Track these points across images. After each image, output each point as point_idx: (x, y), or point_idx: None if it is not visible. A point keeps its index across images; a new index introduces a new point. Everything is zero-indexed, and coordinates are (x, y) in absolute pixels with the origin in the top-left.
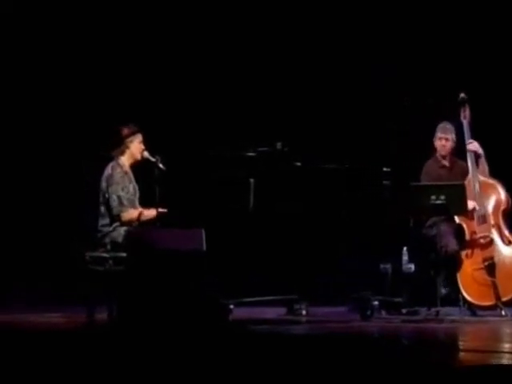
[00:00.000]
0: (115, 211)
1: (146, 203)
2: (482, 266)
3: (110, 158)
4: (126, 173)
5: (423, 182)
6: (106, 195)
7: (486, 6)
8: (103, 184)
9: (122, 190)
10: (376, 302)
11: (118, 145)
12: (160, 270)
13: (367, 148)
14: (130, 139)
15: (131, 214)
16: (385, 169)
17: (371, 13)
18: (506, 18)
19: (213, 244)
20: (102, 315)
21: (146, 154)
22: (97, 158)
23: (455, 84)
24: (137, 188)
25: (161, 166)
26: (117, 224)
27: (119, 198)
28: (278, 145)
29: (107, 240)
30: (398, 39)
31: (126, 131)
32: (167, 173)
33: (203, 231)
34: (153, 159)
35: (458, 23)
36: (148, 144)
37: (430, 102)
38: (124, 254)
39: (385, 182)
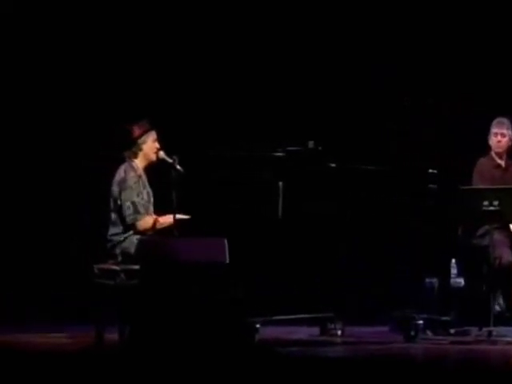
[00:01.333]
0: (130, 219)
1: (161, 210)
2: None
3: (122, 160)
4: (139, 176)
5: (475, 185)
6: (118, 201)
7: (487, 6)
8: (115, 189)
9: (137, 195)
10: (421, 321)
11: (130, 146)
12: (177, 285)
13: (409, 148)
14: (142, 139)
15: (147, 221)
16: (431, 170)
17: (371, 13)
18: (507, 18)
19: (237, 255)
20: (112, 335)
21: (161, 154)
22: (106, 160)
23: (455, 84)
24: (151, 193)
25: (178, 167)
26: (129, 233)
27: (134, 204)
28: (310, 144)
29: (118, 251)
30: (397, 39)
31: (137, 131)
32: (185, 175)
33: (226, 241)
34: (169, 160)
35: (458, 23)
36: (163, 142)
37: (430, 101)
38: (137, 267)
39: (431, 186)
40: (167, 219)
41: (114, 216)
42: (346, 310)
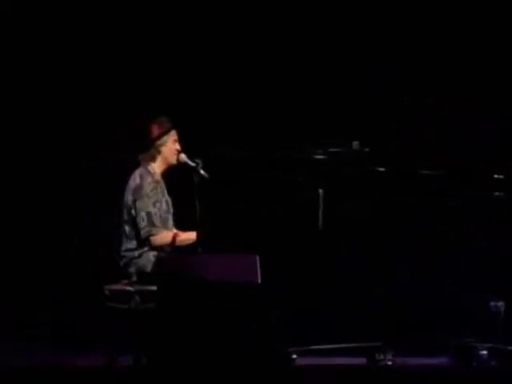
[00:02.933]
0: (144, 233)
1: (182, 222)
2: None
3: (137, 163)
4: (157, 182)
5: None
6: (133, 211)
7: (487, 5)
8: (129, 197)
9: (154, 205)
10: (484, 352)
11: (147, 148)
12: (201, 309)
13: (470, 148)
14: (161, 141)
15: (164, 236)
16: (496, 176)
17: (372, 13)
18: (507, 18)
19: (270, 274)
20: (125, 365)
21: (183, 157)
22: (119, 164)
23: (454, 84)
24: (170, 202)
25: (202, 172)
26: (145, 249)
27: (149, 215)
28: (355, 144)
29: (132, 269)
30: (398, 39)
31: (155, 130)
32: (211, 181)
33: (258, 258)
34: (192, 163)
35: (458, 23)
36: (184, 143)
37: (430, 102)
38: (154, 288)
39: (496, 194)
40: (189, 234)
41: (127, 228)
42: (397, 338)
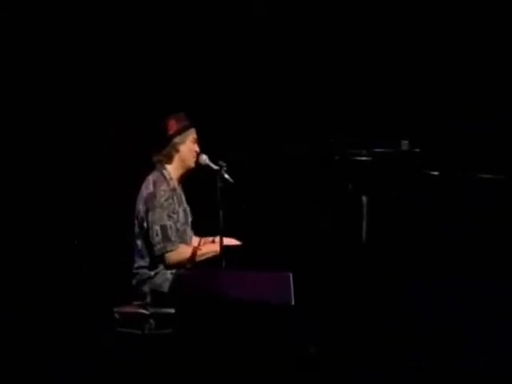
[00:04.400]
0: (158, 250)
1: (203, 232)
2: None
3: (150, 166)
4: (173, 190)
5: None
6: (145, 224)
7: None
8: (140, 207)
9: (169, 217)
10: None
11: (162, 146)
12: (225, 336)
13: None
14: (179, 138)
15: (182, 252)
16: None
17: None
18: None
19: (306, 294)
20: None
21: (204, 158)
22: (131, 166)
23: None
24: (189, 211)
25: (227, 176)
26: (161, 267)
27: (164, 229)
28: (404, 144)
29: (146, 289)
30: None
31: (174, 126)
32: (236, 186)
33: (291, 275)
34: (215, 167)
35: (458, 23)
36: (204, 144)
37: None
38: (171, 311)
39: None
40: (212, 247)
41: (139, 243)
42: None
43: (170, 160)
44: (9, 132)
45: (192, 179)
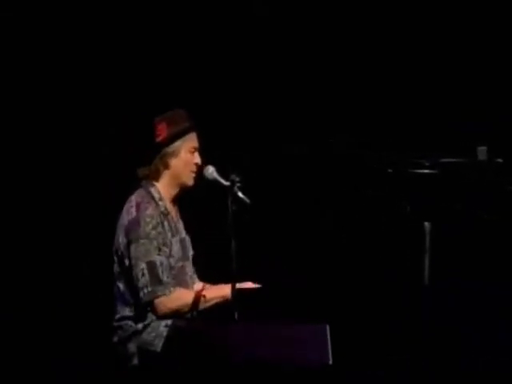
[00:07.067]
0: (145, 295)
1: (209, 270)
2: None
3: (134, 183)
4: (165, 214)
5: None
6: (127, 261)
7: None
8: (120, 239)
9: (159, 250)
10: None
11: (149, 157)
12: None
13: None
14: (170, 148)
15: (178, 298)
16: None
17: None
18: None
19: (347, 352)
20: None
21: (211, 171)
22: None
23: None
24: (189, 241)
25: (240, 194)
26: (152, 317)
27: (151, 267)
28: (481, 151)
29: (132, 347)
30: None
31: (163, 131)
32: (253, 208)
33: (328, 328)
34: (225, 182)
35: (458, 23)
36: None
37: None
38: (166, 375)
39: None
40: (218, 292)
41: (122, 286)
42: None
43: (156, 177)
44: (8, 132)
45: (194, 198)
